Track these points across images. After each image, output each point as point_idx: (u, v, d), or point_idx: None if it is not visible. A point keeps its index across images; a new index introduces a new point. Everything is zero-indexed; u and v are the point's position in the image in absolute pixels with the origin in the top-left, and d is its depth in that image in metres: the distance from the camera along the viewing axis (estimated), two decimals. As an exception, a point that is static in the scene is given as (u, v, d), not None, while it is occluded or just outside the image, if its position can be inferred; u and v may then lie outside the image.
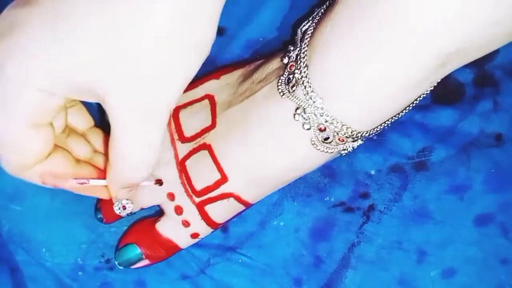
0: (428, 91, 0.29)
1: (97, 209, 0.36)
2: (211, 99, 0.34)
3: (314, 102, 0.28)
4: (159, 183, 0.34)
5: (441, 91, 0.35)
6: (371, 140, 0.37)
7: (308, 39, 0.29)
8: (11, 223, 0.37)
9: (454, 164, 0.38)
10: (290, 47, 0.31)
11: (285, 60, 0.30)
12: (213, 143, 0.33)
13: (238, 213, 0.35)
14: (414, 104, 0.30)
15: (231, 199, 0.33)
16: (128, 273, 0.37)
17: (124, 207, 0.35)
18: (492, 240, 0.38)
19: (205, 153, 0.33)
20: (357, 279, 0.38)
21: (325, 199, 0.38)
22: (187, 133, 0.34)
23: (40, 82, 0.23)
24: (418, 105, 0.30)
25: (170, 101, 0.24)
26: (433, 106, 0.38)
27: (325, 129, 0.29)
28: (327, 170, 0.38)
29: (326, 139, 0.30)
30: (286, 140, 0.30)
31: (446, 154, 0.38)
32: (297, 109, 0.29)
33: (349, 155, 0.34)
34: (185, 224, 0.34)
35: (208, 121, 0.33)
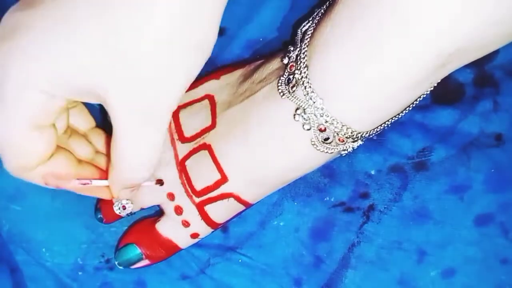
0: (428, 91, 0.29)
1: (97, 209, 0.36)
2: (211, 99, 0.34)
3: (314, 102, 0.28)
4: (160, 183, 0.34)
5: (441, 91, 0.35)
6: (371, 140, 0.37)
7: (308, 39, 0.29)
8: (11, 223, 0.37)
9: (454, 164, 0.38)
10: (290, 47, 0.31)
11: (285, 60, 0.30)
12: (213, 143, 0.33)
13: (238, 213, 0.35)
14: (414, 104, 0.30)
15: (231, 199, 0.33)
16: (128, 273, 0.37)
17: (124, 207, 0.35)
18: (492, 240, 0.38)
19: (205, 153, 0.33)
20: (357, 279, 0.38)
21: (325, 199, 0.38)
22: (187, 133, 0.34)
23: (42, 84, 0.23)
24: (418, 105, 0.30)
25: (170, 103, 0.24)
26: (433, 106, 0.38)
27: (325, 130, 0.29)
28: (327, 170, 0.38)
29: (326, 140, 0.30)
30: (286, 141, 0.30)
31: (446, 154, 0.38)
32: (297, 109, 0.29)
33: (349, 155, 0.34)
34: (185, 224, 0.34)
35: (208, 121, 0.33)
